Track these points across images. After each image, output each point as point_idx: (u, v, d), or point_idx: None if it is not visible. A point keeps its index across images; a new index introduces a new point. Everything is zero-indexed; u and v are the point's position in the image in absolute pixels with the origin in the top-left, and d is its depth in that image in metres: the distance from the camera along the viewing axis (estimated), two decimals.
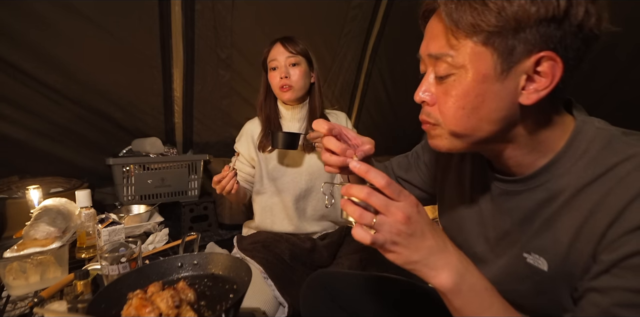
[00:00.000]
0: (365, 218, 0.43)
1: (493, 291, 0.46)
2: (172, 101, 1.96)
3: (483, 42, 0.43)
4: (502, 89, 0.45)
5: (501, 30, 0.42)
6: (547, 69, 0.43)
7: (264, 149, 1.25)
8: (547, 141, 0.50)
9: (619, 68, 2.66)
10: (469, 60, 0.45)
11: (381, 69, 2.58)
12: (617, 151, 0.45)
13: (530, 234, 0.52)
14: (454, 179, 0.68)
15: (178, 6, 1.69)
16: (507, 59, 0.43)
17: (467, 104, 0.46)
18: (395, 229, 0.43)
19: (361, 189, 0.43)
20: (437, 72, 0.48)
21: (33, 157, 1.69)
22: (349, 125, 1.28)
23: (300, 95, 1.20)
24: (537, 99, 0.44)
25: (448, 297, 0.45)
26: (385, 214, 0.43)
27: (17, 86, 1.53)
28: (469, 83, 0.45)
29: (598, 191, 0.45)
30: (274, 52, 1.18)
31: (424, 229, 0.44)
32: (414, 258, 0.44)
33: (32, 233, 1.00)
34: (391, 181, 0.44)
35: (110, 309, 0.60)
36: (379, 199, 0.43)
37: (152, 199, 1.91)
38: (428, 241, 0.44)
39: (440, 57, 0.47)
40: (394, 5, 2.23)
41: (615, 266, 0.41)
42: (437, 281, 0.44)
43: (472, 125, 0.48)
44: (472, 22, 0.42)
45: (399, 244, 0.43)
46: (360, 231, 0.43)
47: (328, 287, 0.79)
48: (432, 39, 0.48)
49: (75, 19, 1.51)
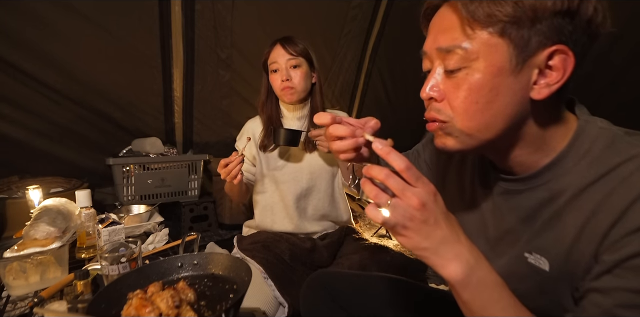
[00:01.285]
0: (380, 198, 0.43)
1: (503, 286, 0.46)
2: (172, 101, 1.97)
3: (499, 33, 0.43)
4: (516, 82, 0.45)
5: (518, 21, 0.42)
6: (559, 63, 0.43)
7: (265, 149, 1.25)
8: (551, 140, 0.50)
9: (615, 70, 2.66)
10: (484, 52, 0.44)
11: (381, 69, 2.58)
12: (620, 151, 0.45)
13: (531, 233, 0.52)
14: (454, 177, 0.68)
15: (178, 6, 1.69)
16: (522, 51, 0.43)
17: (480, 98, 0.46)
18: (409, 213, 0.43)
19: (380, 169, 0.43)
20: (447, 66, 0.47)
21: (33, 157, 1.69)
22: None
23: (302, 97, 1.20)
24: (548, 93, 0.45)
25: (456, 289, 0.45)
26: (400, 198, 0.43)
27: (17, 86, 1.53)
28: (482, 76, 0.45)
29: (600, 191, 0.44)
30: (274, 54, 1.17)
31: (437, 217, 0.44)
32: (423, 245, 0.43)
33: (32, 233, 1.00)
34: (411, 165, 0.43)
35: (110, 309, 0.60)
36: (396, 182, 0.43)
37: (152, 199, 1.91)
38: (441, 230, 0.44)
39: (451, 49, 0.46)
40: (394, 5, 2.24)
41: (617, 266, 0.41)
42: (446, 272, 0.44)
43: (486, 121, 0.47)
44: (489, 12, 0.42)
45: (410, 228, 0.43)
46: (373, 209, 0.44)
47: (328, 287, 0.79)
48: (441, 32, 0.48)
49: (76, 19, 1.51)
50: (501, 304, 0.45)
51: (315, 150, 1.24)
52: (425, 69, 0.52)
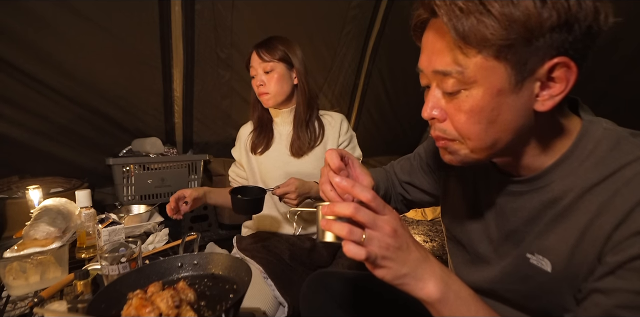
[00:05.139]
0: (355, 234, 0.41)
1: (476, 297, 0.46)
2: (172, 101, 1.97)
3: (494, 56, 0.41)
4: (518, 99, 0.43)
5: (513, 42, 0.39)
6: (562, 74, 0.42)
7: (255, 151, 1.25)
8: (555, 142, 0.49)
9: (616, 69, 2.65)
10: (480, 75, 0.42)
11: (381, 69, 2.58)
12: (625, 152, 0.45)
13: (534, 234, 0.52)
14: (457, 179, 0.68)
15: (178, 6, 1.69)
16: (521, 70, 0.41)
17: (482, 119, 0.44)
18: (385, 243, 0.42)
19: (347, 205, 0.42)
20: (445, 89, 0.46)
21: (33, 157, 1.69)
22: (344, 126, 1.25)
23: (280, 100, 1.17)
24: (552, 105, 0.43)
25: (436, 308, 0.45)
26: (372, 229, 0.42)
27: (17, 86, 1.53)
28: (482, 98, 0.43)
29: (605, 192, 0.44)
30: (252, 60, 1.18)
31: (408, 241, 0.44)
32: (403, 271, 0.43)
33: (32, 233, 1.00)
34: (375, 194, 0.43)
35: (110, 309, 0.60)
36: (366, 214, 0.42)
37: (152, 199, 1.91)
38: (413, 253, 0.44)
39: (448, 73, 0.44)
40: (394, 5, 2.24)
41: (620, 267, 0.41)
42: (425, 292, 0.44)
43: (492, 138, 0.46)
44: (481, 35, 0.40)
45: (388, 258, 0.42)
46: (352, 247, 0.41)
47: (328, 287, 0.79)
48: (435, 54, 0.45)
49: (76, 19, 1.51)
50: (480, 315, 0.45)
51: (304, 155, 1.22)
52: (423, 84, 0.51)
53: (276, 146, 1.25)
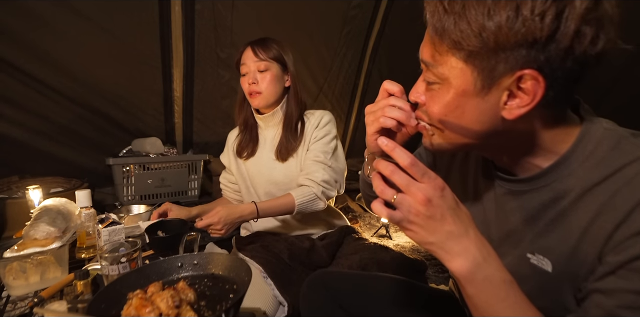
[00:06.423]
0: (386, 194, 0.44)
1: (512, 284, 0.45)
2: (172, 101, 1.96)
3: (464, 59, 0.44)
4: (483, 103, 0.45)
5: (480, 51, 0.42)
6: (530, 87, 0.42)
7: (240, 156, 1.25)
8: (555, 142, 0.49)
9: (616, 70, 2.64)
10: (450, 74, 0.46)
11: (381, 69, 2.57)
12: (626, 152, 0.45)
13: (534, 234, 0.52)
14: (457, 178, 0.68)
15: (178, 6, 1.69)
16: (487, 76, 0.43)
17: (449, 113, 0.48)
18: (414, 209, 0.43)
19: (387, 165, 0.44)
20: (426, 77, 0.50)
21: (33, 157, 1.68)
22: (323, 121, 1.19)
23: (271, 102, 1.17)
24: (519, 114, 0.44)
25: (461, 283, 0.45)
26: (405, 193, 0.43)
27: (17, 86, 1.53)
28: (450, 95, 0.47)
29: (605, 192, 0.44)
30: (244, 57, 1.16)
31: (444, 213, 0.43)
32: (429, 239, 0.44)
33: (32, 233, 1.00)
34: (416, 161, 0.44)
35: (110, 309, 0.60)
36: (401, 177, 0.43)
37: (152, 199, 1.91)
38: (447, 225, 0.44)
39: (428, 65, 0.48)
40: (394, 5, 2.23)
41: (621, 267, 0.41)
42: (452, 266, 0.44)
43: (458, 131, 0.49)
44: (455, 39, 0.43)
45: (415, 223, 0.43)
46: (378, 205, 0.45)
47: (328, 287, 0.79)
48: (425, 45, 0.49)
49: (76, 18, 1.51)
50: (507, 303, 0.45)
51: (289, 158, 1.21)
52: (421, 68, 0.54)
53: (261, 151, 1.25)
